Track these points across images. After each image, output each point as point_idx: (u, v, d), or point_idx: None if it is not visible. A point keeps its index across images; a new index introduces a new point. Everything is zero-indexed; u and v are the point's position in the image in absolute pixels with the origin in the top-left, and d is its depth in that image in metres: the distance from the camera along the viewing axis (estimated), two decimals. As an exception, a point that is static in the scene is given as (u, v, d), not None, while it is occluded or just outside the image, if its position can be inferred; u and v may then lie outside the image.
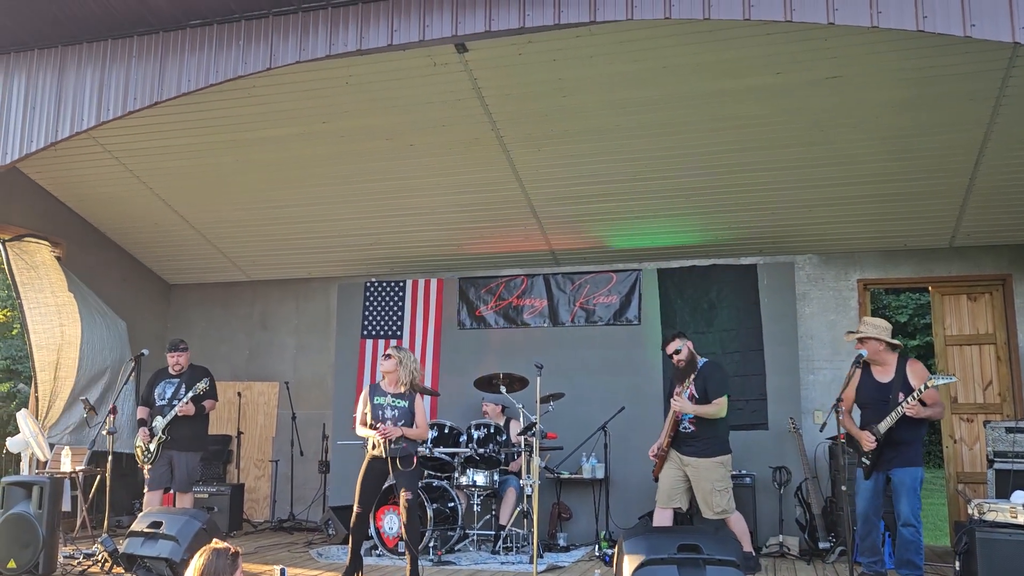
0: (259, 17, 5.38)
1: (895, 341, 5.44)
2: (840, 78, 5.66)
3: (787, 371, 7.64)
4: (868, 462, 5.36)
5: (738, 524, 5.88)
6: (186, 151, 7.26)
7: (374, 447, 5.60)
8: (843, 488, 5.34)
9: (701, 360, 6.06)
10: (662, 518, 5.95)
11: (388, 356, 5.76)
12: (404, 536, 5.55)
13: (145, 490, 6.62)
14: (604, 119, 6.35)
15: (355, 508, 5.60)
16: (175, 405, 6.46)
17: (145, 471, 6.58)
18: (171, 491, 6.64)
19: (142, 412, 6.65)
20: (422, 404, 5.86)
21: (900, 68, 5.51)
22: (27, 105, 6.00)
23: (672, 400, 5.89)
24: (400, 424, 5.60)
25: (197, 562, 2.82)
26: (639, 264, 8.29)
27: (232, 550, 2.86)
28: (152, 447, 6.43)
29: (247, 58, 5.40)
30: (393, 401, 5.67)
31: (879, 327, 5.44)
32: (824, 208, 7.18)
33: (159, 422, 6.45)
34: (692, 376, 5.84)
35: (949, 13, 4.09)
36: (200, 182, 7.77)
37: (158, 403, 6.59)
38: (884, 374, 5.40)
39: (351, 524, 5.65)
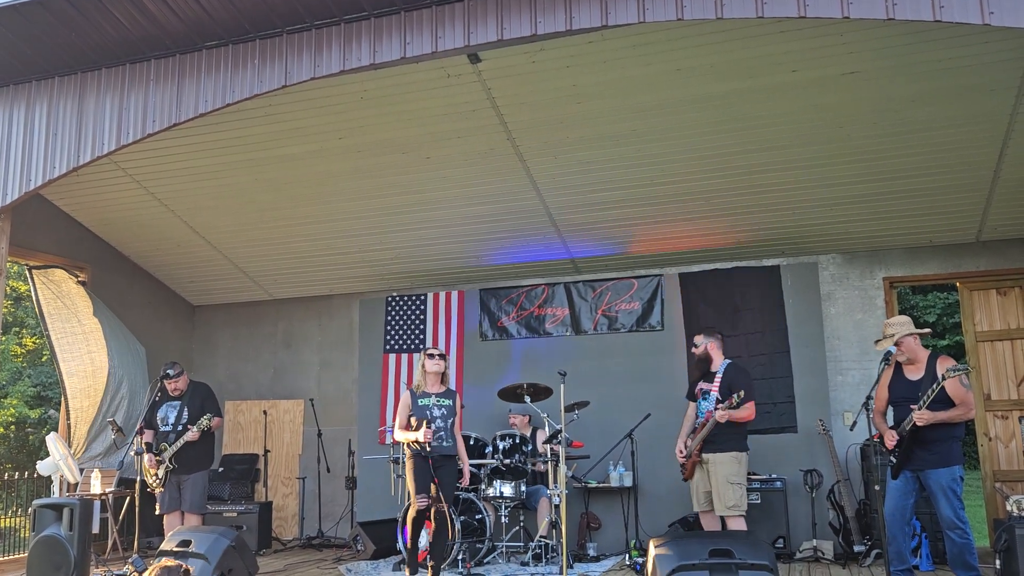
0: (273, 36, 5.44)
1: (924, 330, 5.36)
2: (857, 73, 5.60)
3: (815, 373, 7.54)
4: (894, 460, 5.25)
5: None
6: (205, 172, 7.33)
7: (423, 449, 5.63)
8: (876, 488, 5.24)
9: (725, 361, 6.10)
10: (710, 523, 5.96)
11: (442, 356, 5.83)
12: (429, 547, 5.57)
13: (159, 511, 6.58)
14: (619, 124, 6.33)
15: (418, 503, 5.60)
16: (179, 431, 6.45)
17: (157, 494, 6.56)
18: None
19: (148, 436, 6.61)
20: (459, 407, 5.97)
21: (918, 61, 5.43)
22: (49, 132, 6.09)
23: (718, 414, 5.82)
24: (450, 421, 5.78)
25: None
26: (660, 269, 8.24)
27: (184, 568, 2.85)
28: (160, 473, 6.43)
29: (262, 77, 5.45)
30: (439, 400, 5.78)
31: (905, 323, 5.34)
32: (846, 206, 7.10)
33: (166, 450, 6.43)
34: (718, 376, 5.93)
35: (966, 2, 4.03)
36: (220, 202, 7.84)
37: (162, 428, 6.56)
38: (915, 372, 5.29)
39: (412, 518, 5.64)
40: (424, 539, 6.45)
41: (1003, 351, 7.47)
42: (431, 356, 5.89)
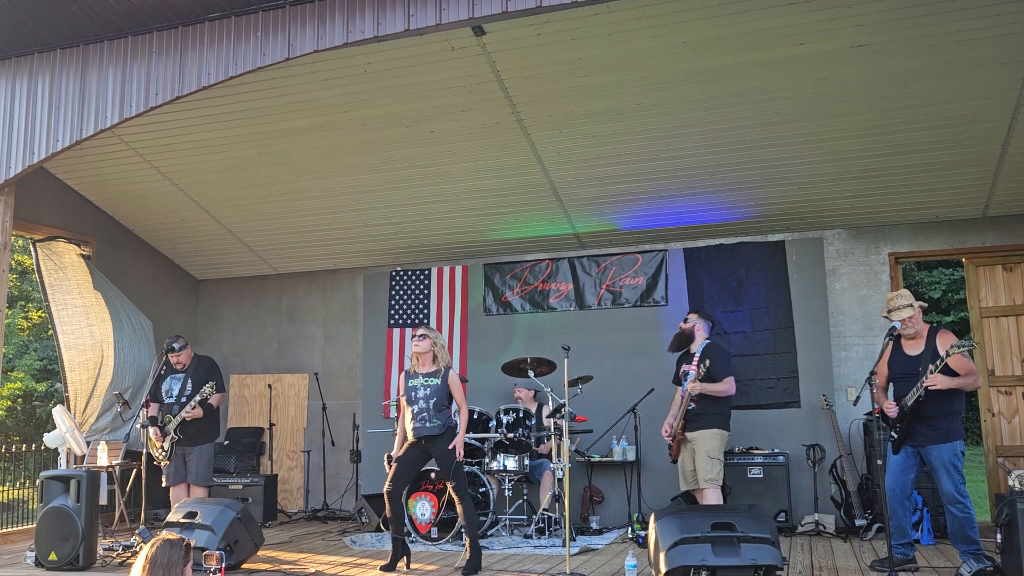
0: (276, 7, 5.40)
1: (922, 302, 5.37)
2: (866, 47, 5.54)
3: (818, 348, 7.54)
4: (895, 435, 5.26)
5: (717, 499, 5.99)
6: (209, 145, 7.30)
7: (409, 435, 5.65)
8: (879, 463, 5.26)
9: (704, 341, 6.21)
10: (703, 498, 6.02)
11: (423, 336, 5.77)
12: (464, 525, 5.63)
13: (165, 484, 6.63)
14: (624, 98, 6.28)
15: (385, 486, 5.61)
16: (183, 403, 6.47)
17: (163, 467, 6.61)
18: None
19: (152, 409, 6.63)
20: (458, 381, 5.83)
21: (927, 34, 5.38)
22: (52, 105, 6.08)
23: (689, 384, 5.99)
24: (432, 401, 5.62)
25: (147, 551, 2.76)
26: (665, 244, 8.22)
27: (185, 541, 2.81)
28: (166, 446, 6.47)
29: (265, 49, 5.42)
30: (425, 380, 5.72)
31: (912, 298, 5.34)
32: (852, 181, 7.06)
33: (170, 422, 6.46)
34: (696, 355, 6.06)
35: (977, -27, 3.98)
36: (224, 176, 7.82)
37: (166, 400, 6.58)
38: (915, 347, 5.29)
39: (386, 506, 5.63)
40: (429, 512, 6.52)
41: (1008, 327, 7.46)
42: (413, 337, 5.85)
